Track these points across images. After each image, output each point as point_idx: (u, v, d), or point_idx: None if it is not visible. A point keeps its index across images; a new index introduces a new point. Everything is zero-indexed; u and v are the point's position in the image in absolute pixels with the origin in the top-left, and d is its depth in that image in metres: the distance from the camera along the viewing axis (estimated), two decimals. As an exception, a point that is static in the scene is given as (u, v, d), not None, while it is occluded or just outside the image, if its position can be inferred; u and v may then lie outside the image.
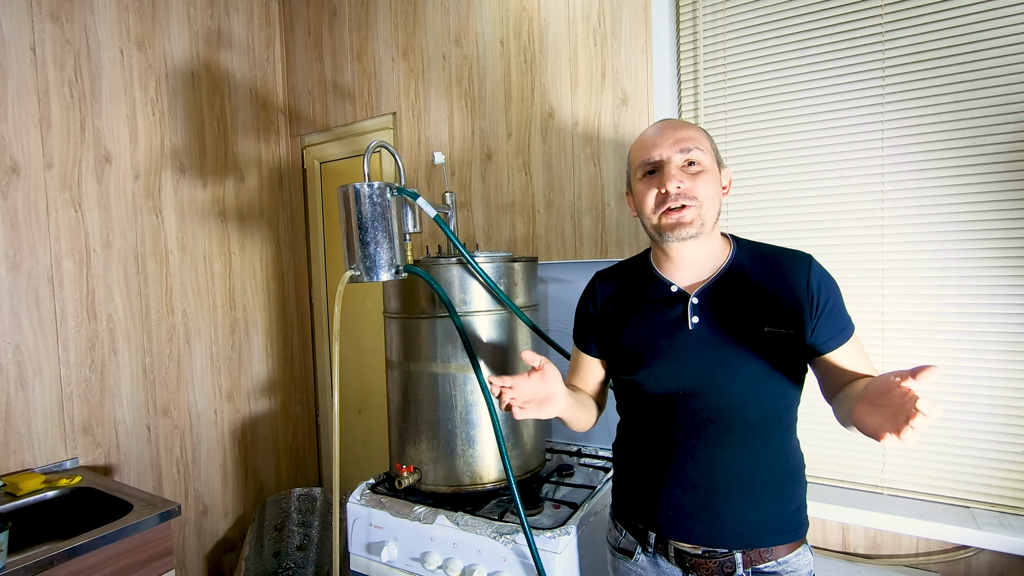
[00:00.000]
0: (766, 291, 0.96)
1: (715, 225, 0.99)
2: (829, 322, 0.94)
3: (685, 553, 0.98)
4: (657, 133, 1.00)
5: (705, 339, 0.97)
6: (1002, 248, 1.30)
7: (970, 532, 1.26)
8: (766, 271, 0.98)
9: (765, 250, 1.03)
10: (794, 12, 1.49)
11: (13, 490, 1.54)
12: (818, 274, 0.96)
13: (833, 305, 0.95)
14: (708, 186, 0.96)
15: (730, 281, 0.99)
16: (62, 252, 1.77)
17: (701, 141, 0.98)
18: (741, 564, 0.94)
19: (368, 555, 1.39)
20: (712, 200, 0.97)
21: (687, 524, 0.96)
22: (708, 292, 0.99)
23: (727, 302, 0.98)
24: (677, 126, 1.00)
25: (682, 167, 0.96)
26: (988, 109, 1.29)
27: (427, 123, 2.10)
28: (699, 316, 0.98)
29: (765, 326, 0.94)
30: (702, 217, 0.96)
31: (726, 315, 0.97)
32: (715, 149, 1.01)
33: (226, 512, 2.25)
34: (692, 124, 1.01)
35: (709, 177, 0.97)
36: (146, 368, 1.99)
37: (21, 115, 1.68)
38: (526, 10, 1.85)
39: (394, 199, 1.31)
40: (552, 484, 1.49)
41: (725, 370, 0.95)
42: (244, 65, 2.34)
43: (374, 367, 2.36)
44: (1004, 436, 1.31)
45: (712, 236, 1.00)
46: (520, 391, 0.98)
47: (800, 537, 0.97)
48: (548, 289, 1.79)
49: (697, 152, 0.96)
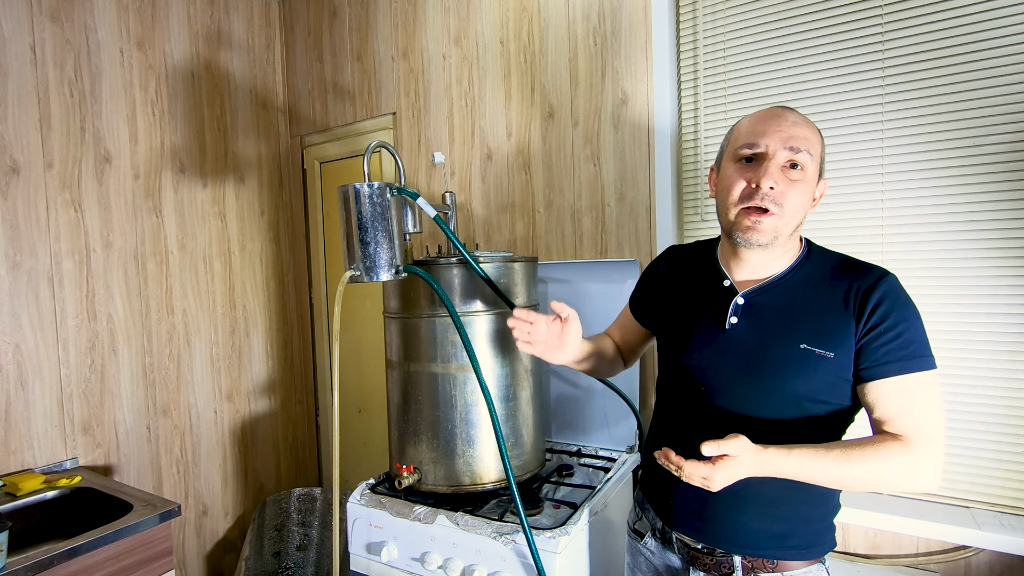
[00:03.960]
0: (815, 305, 0.90)
1: (791, 236, 0.93)
2: (880, 347, 0.84)
3: (687, 545, 0.98)
4: (772, 119, 0.91)
5: (739, 342, 0.94)
6: (1002, 248, 1.30)
7: (970, 532, 1.26)
8: (825, 284, 0.92)
9: (836, 261, 0.95)
10: (794, 12, 1.49)
11: (13, 490, 1.54)
12: (883, 293, 0.86)
13: (891, 330, 0.84)
14: (800, 197, 0.90)
15: (783, 288, 0.94)
16: (62, 252, 1.77)
17: (814, 145, 0.90)
18: (740, 568, 0.93)
19: (368, 555, 1.39)
20: (797, 212, 0.90)
21: (690, 519, 0.97)
22: (756, 295, 0.95)
23: (772, 309, 0.93)
24: (795, 121, 0.91)
25: (783, 167, 0.89)
26: (988, 109, 1.29)
27: (427, 123, 2.10)
28: (739, 318, 0.95)
29: (802, 342, 0.88)
30: (778, 229, 0.90)
31: (766, 323, 0.93)
32: (823, 158, 0.93)
33: (226, 512, 2.25)
34: (810, 123, 0.93)
35: (805, 188, 0.90)
36: (146, 368, 1.99)
37: (21, 115, 1.68)
38: (526, 10, 1.85)
39: (394, 199, 1.31)
40: (552, 484, 1.49)
41: (750, 378, 0.92)
42: (244, 65, 2.34)
43: (374, 367, 2.36)
44: (1004, 436, 1.31)
45: (785, 245, 0.94)
46: (538, 330, 1.03)
47: (815, 556, 0.93)
48: (548, 289, 1.79)
49: (806, 156, 0.89)
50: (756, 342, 0.93)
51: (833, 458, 0.83)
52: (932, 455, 0.84)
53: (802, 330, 0.90)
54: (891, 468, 0.83)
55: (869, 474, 0.83)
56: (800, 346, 0.89)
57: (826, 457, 0.83)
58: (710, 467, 0.81)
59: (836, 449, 0.84)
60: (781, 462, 0.83)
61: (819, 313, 0.90)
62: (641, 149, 1.68)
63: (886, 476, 0.84)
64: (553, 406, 1.80)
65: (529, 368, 1.46)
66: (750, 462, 0.82)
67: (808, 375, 0.88)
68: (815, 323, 0.89)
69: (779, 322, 0.92)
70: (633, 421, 1.65)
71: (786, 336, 0.90)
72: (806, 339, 0.89)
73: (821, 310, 0.90)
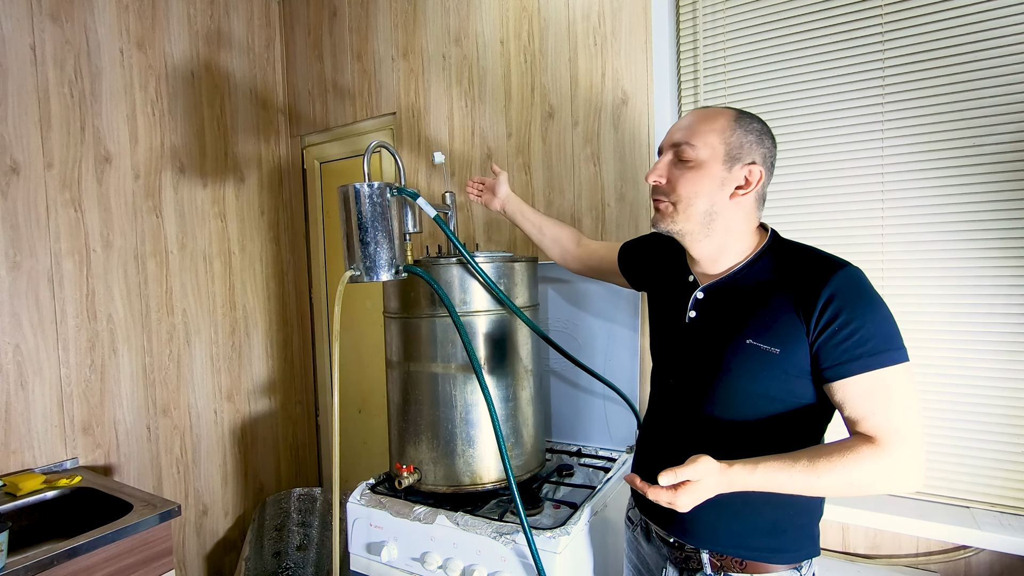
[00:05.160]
0: (765, 300, 0.89)
1: (712, 225, 0.93)
2: (836, 346, 0.82)
3: (663, 539, 1.02)
4: (676, 121, 0.99)
5: (696, 336, 0.97)
6: (1002, 248, 1.30)
7: (970, 532, 1.26)
8: (779, 279, 0.90)
9: (797, 255, 0.93)
10: (794, 12, 1.48)
11: (13, 490, 1.54)
12: (834, 289, 0.83)
13: (845, 327, 0.81)
14: (691, 184, 0.91)
15: (739, 282, 0.95)
16: (62, 252, 1.77)
17: (704, 135, 0.91)
18: (708, 565, 0.94)
19: (368, 555, 1.39)
20: (695, 198, 0.91)
21: (664, 510, 0.98)
22: (714, 289, 0.97)
23: (725, 304, 0.94)
24: (693, 117, 0.94)
25: (671, 161, 0.95)
26: (988, 109, 1.29)
27: (427, 123, 2.10)
28: (696, 312, 0.98)
29: (748, 338, 0.89)
30: (678, 215, 0.93)
31: (719, 318, 0.94)
32: (730, 145, 0.91)
33: (226, 512, 2.25)
34: (715, 115, 0.93)
35: (697, 175, 0.91)
36: (146, 368, 1.99)
37: (21, 115, 1.68)
38: (526, 10, 1.85)
39: (394, 199, 1.31)
40: (552, 484, 1.49)
41: (704, 372, 0.94)
42: (244, 65, 2.34)
43: (374, 367, 2.36)
44: (1004, 436, 1.31)
45: (715, 236, 0.94)
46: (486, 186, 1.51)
47: (786, 562, 0.91)
48: (548, 289, 1.79)
49: (687, 148, 0.91)
50: (708, 337, 0.95)
51: (800, 469, 0.81)
52: (909, 454, 0.81)
53: (751, 325, 0.89)
54: (863, 473, 0.80)
55: (839, 482, 0.81)
56: (747, 341, 0.89)
57: (792, 468, 0.81)
58: (672, 493, 0.83)
59: (803, 459, 0.81)
60: (747, 477, 0.82)
61: (768, 309, 0.89)
62: (641, 149, 1.68)
63: (859, 482, 0.81)
64: (553, 406, 1.80)
65: (529, 368, 1.46)
66: (714, 483, 0.82)
67: (756, 371, 0.88)
68: (762, 318, 0.89)
69: (730, 317, 0.93)
70: (633, 421, 1.65)
71: (735, 331, 0.91)
72: (753, 335, 0.88)
73: (770, 306, 0.88)
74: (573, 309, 1.75)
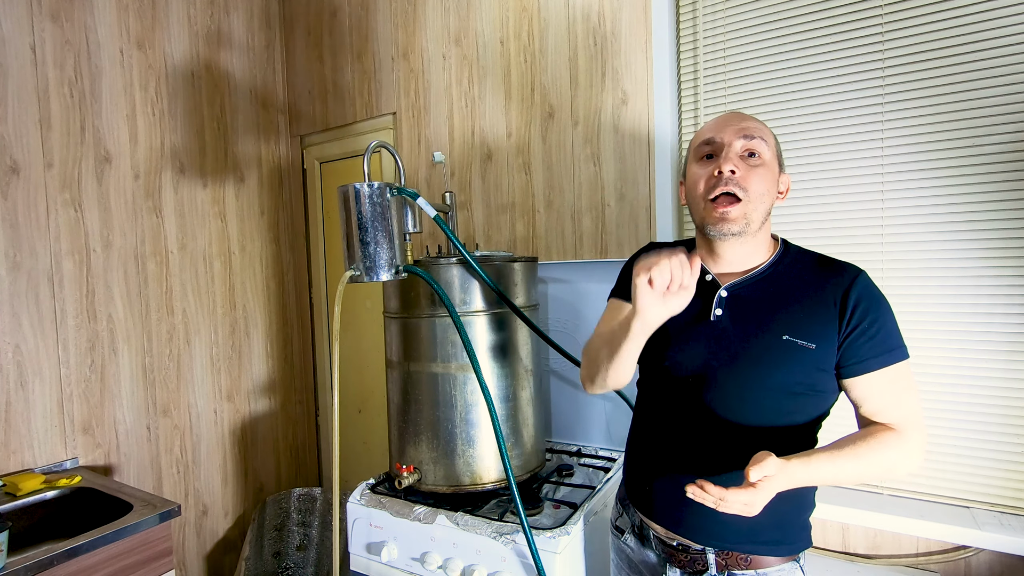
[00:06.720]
0: (797, 298, 0.93)
1: (762, 226, 0.96)
2: (861, 344, 0.89)
3: (663, 542, 1.00)
4: (722, 119, 0.98)
5: (724, 334, 0.96)
6: (1002, 248, 1.30)
7: (970, 532, 1.26)
8: (804, 278, 0.95)
9: (812, 257, 0.99)
10: (794, 12, 1.48)
11: (13, 490, 1.54)
12: (860, 290, 0.90)
13: (872, 327, 0.89)
14: (763, 181, 0.93)
15: (764, 282, 0.97)
16: (62, 252, 1.77)
17: (766, 134, 0.96)
18: (714, 565, 0.94)
19: (368, 555, 1.39)
20: (763, 197, 0.93)
21: (669, 509, 0.97)
22: (739, 288, 0.98)
23: (754, 302, 0.96)
24: (743, 116, 0.98)
25: (741, 154, 0.93)
26: (988, 109, 1.29)
27: (427, 123, 2.10)
28: (723, 310, 0.97)
29: (784, 334, 0.91)
30: (748, 216, 0.93)
31: (749, 315, 0.95)
32: (778, 150, 0.98)
33: (226, 512, 2.25)
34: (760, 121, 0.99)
35: (766, 172, 0.94)
36: (146, 368, 1.99)
37: (21, 115, 1.68)
38: (526, 10, 1.85)
39: (394, 199, 1.31)
40: (552, 484, 1.49)
41: (733, 369, 0.94)
42: (244, 65, 2.34)
43: (374, 367, 2.36)
44: (1004, 436, 1.31)
45: (757, 236, 0.97)
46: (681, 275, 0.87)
47: (788, 554, 0.94)
48: (548, 289, 1.79)
49: (760, 142, 0.93)
50: (739, 334, 0.95)
51: (845, 457, 0.86)
52: (920, 439, 0.90)
53: (784, 322, 0.92)
54: (891, 457, 0.88)
55: (876, 467, 0.87)
56: (783, 337, 0.91)
57: (840, 458, 0.86)
58: (752, 491, 0.79)
59: (846, 447, 0.87)
60: (803, 471, 0.84)
61: (801, 306, 0.92)
62: (641, 149, 1.68)
63: (888, 465, 0.88)
64: (553, 406, 1.80)
65: (529, 368, 1.46)
66: (782, 478, 0.82)
67: (790, 366, 0.90)
68: (797, 315, 0.92)
69: (762, 314, 0.94)
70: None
71: (769, 328, 0.93)
72: (788, 331, 0.91)
73: (803, 303, 0.93)
74: (573, 309, 1.75)
